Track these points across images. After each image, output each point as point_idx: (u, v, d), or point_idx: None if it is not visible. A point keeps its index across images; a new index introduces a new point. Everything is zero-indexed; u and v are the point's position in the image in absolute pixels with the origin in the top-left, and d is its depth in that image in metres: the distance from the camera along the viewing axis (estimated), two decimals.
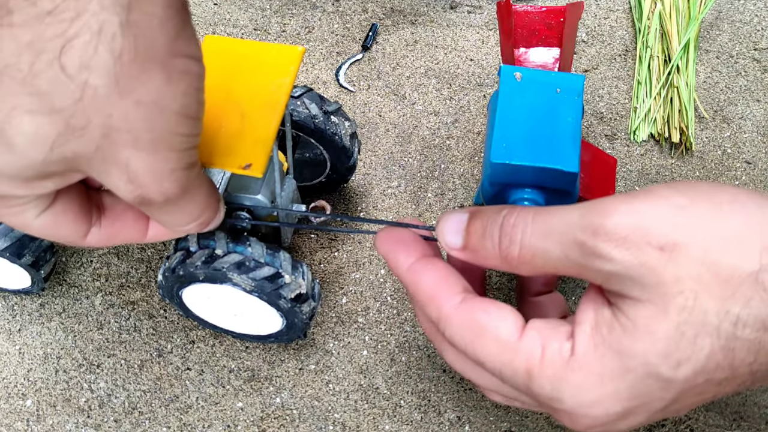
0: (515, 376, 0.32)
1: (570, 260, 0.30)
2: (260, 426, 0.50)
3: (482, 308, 0.33)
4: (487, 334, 0.32)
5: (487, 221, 0.33)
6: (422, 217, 0.59)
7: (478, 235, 0.33)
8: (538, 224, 0.31)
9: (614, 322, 0.30)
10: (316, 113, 0.50)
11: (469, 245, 0.34)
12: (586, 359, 0.30)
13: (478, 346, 0.33)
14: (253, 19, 0.71)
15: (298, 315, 0.46)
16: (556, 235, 0.30)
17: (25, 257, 0.49)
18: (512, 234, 0.31)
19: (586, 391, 0.30)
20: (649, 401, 0.30)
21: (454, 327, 0.33)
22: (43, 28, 0.25)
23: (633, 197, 0.30)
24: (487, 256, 0.33)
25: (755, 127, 0.64)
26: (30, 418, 0.51)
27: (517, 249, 0.31)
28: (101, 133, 0.27)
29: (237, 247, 0.44)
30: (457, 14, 0.71)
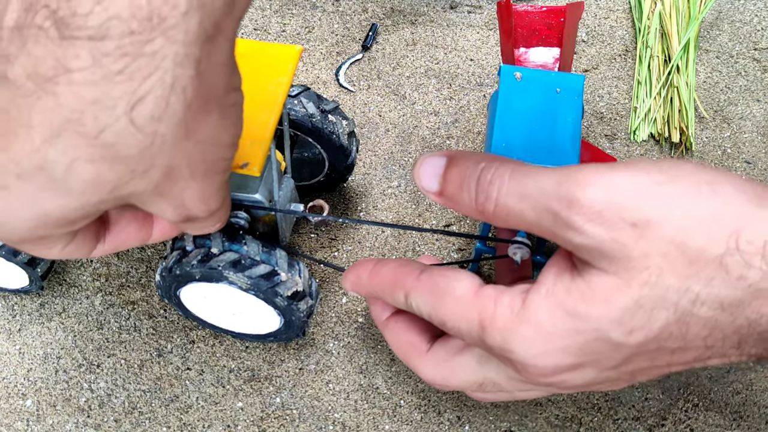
0: (471, 330, 0.33)
1: (542, 226, 0.31)
2: (260, 426, 0.50)
3: (440, 273, 0.35)
4: (447, 293, 0.34)
5: (465, 172, 0.33)
6: (422, 217, 0.59)
7: (455, 185, 0.33)
8: (513, 185, 0.31)
9: (573, 287, 0.31)
10: (313, 112, 0.50)
11: (445, 192, 0.34)
12: (536, 314, 0.31)
13: (439, 305, 0.34)
14: (253, 18, 0.71)
15: (296, 313, 0.46)
16: (530, 200, 0.31)
17: (21, 255, 0.49)
18: (488, 191, 0.32)
19: (535, 343, 0.31)
20: (599, 359, 0.31)
21: (418, 295, 0.35)
22: (110, 87, 0.25)
23: (612, 169, 0.30)
24: (462, 206, 0.34)
25: (755, 127, 0.64)
26: (30, 418, 0.51)
27: (492, 206, 0.32)
28: (163, 173, 0.28)
29: (233, 245, 0.44)
30: (457, 14, 0.71)
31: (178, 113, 0.26)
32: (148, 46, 0.25)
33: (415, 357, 0.38)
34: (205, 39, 0.26)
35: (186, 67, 0.25)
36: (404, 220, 0.59)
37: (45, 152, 0.26)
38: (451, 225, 0.58)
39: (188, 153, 0.28)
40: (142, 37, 0.24)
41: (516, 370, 0.33)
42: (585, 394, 0.51)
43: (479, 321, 0.33)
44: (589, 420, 0.50)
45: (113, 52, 0.24)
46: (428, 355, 0.38)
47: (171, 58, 0.25)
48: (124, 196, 0.29)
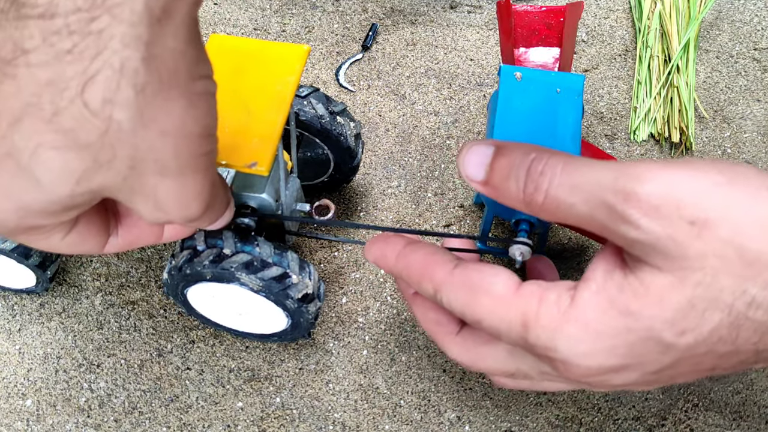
0: (511, 329, 0.32)
1: (595, 220, 0.30)
2: (260, 426, 0.50)
3: (475, 269, 0.34)
4: (482, 291, 0.33)
5: (514, 161, 0.32)
6: (422, 217, 0.59)
7: (503, 175, 0.33)
8: (566, 176, 0.30)
9: (625, 284, 0.30)
10: (322, 113, 0.50)
11: (491, 182, 0.33)
12: (585, 313, 0.30)
13: (475, 304, 0.33)
14: (253, 18, 0.71)
15: (304, 315, 0.46)
16: (584, 192, 0.30)
17: (33, 258, 0.49)
18: (539, 181, 0.31)
19: (582, 342, 0.30)
20: (645, 361, 0.30)
21: (450, 291, 0.34)
22: (62, 67, 0.25)
23: (669, 166, 0.29)
24: (509, 196, 0.33)
25: (755, 127, 0.64)
26: (30, 418, 0.51)
27: (542, 197, 0.31)
28: (128, 165, 0.27)
29: (245, 246, 0.44)
30: (457, 14, 0.71)
31: (131, 98, 0.26)
32: (95, 24, 0.24)
33: (444, 336, 0.37)
34: (154, 20, 0.25)
35: (134, 48, 0.25)
36: (404, 220, 0.59)
37: (11, 138, 0.26)
38: (451, 225, 0.58)
39: (153, 144, 0.27)
40: (88, 14, 0.24)
41: (556, 368, 0.32)
42: (585, 394, 0.51)
43: (522, 320, 0.31)
44: (590, 420, 0.50)
45: (62, 29, 0.24)
46: (458, 337, 0.37)
47: (119, 38, 0.25)
48: (95, 190, 0.28)
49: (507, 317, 0.32)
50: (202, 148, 0.29)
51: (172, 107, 0.27)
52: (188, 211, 0.31)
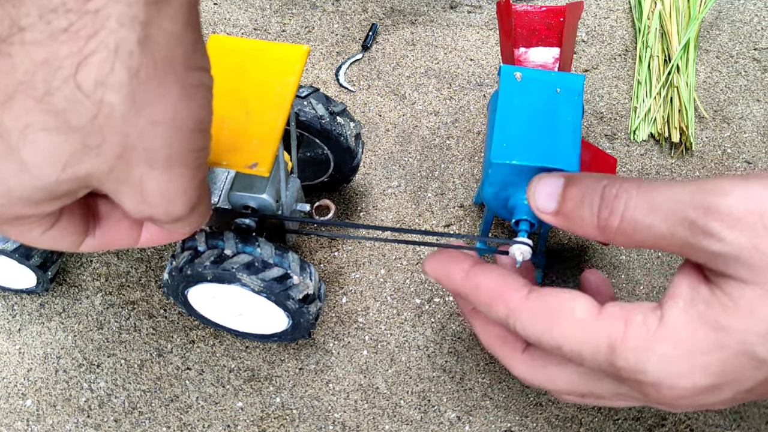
0: (596, 353, 0.31)
1: (675, 237, 0.30)
2: (260, 426, 0.50)
3: (551, 294, 0.33)
4: (563, 316, 0.32)
5: (586, 189, 0.32)
6: (422, 217, 0.59)
7: (575, 202, 0.33)
8: (642, 198, 0.30)
9: (713, 299, 0.29)
10: (322, 114, 0.50)
11: (563, 210, 0.33)
12: (676, 331, 0.30)
13: (554, 330, 0.32)
14: (253, 18, 0.71)
15: (305, 315, 0.46)
16: (662, 211, 0.30)
17: (34, 258, 0.49)
18: (614, 205, 0.31)
19: (674, 362, 0.30)
20: (738, 378, 0.29)
21: (525, 318, 0.33)
22: (57, 46, 0.25)
23: (748, 179, 0.29)
24: (582, 224, 0.33)
25: (755, 127, 0.64)
26: (30, 418, 0.51)
27: (617, 221, 0.31)
28: (117, 153, 0.27)
29: (246, 247, 0.44)
30: (457, 14, 0.71)
31: (124, 81, 0.25)
32: (92, 3, 0.24)
33: (508, 353, 0.36)
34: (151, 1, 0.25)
35: (131, 29, 0.25)
36: (404, 219, 0.59)
37: (1, 118, 0.26)
38: (451, 225, 0.58)
39: (143, 132, 0.27)
40: None
41: (644, 391, 0.31)
42: None
43: (608, 343, 0.31)
44: (589, 420, 0.50)
45: (58, 7, 0.24)
46: (524, 356, 0.36)
47: (115, 18, 0.24)
48: (82, 177, 0.27)
49: (592, 341, 0.31)
50: (194, 143, 0.28)
51: (166, 94, 0.26)
52: (173, 207, 0.30)
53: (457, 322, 0.54)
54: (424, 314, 0.54)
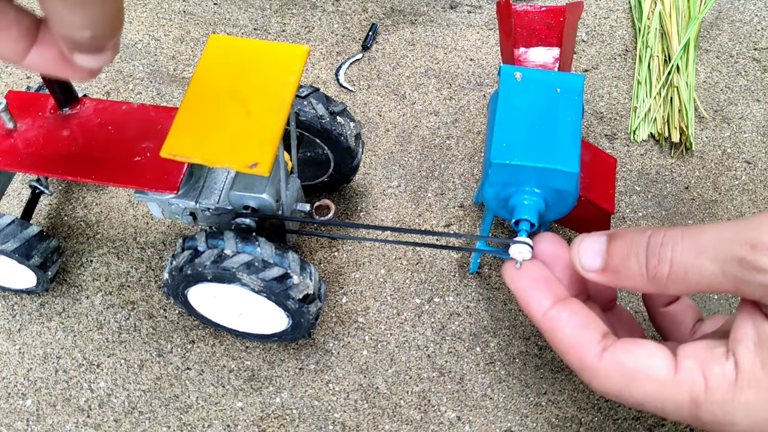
0: (680, 409, 0.32)
1: (727, 276, 0.30)
2: (260, 426, 0.50)
3: (626, 351, 0.33)
4: (640, 376, 0.32)
5: (631, 242, 0.33)
6: (422, 217, 0.59)
7: (621, 256, 0.33)
8: (689, 242, 0.31)
9: None
10: (323, 113, 0.50)
11: (610, 266, 0.34)
12: (754, 376, 0.30)
13: (633, 390, 0.33)
14: (253, 18, 0.71)
15: (305, 315, 0.46)
16: (710, 251, 0.30)
17: (34, 258, 0.49)
18: (661, 253, 0.31)
19: (759, 407, 0.30)
20: None
21: (601, 378, 0.34)
22: None
23: None
24: (630, 276, 0.33)
25: (755, 127, 0.64)
26: (30, 417, 0.51)
27: (667, 267, 0.31)
28: None
29: (246, 247, 0.44)
30: (457, 14, 0.71)
31: None
32: None
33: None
34: None
35: None
36: (404, 219, 0.59)
37: None
38: (451, 225, 0.58)
39: None
40: None
41: None
42: (585, 394, 0.51)
43: (690, 398, 0.31)
44: (589, 420, 0.50)
45: None
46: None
47: None
48: None
49: (674, 399, 0.32)
50: None
51: None
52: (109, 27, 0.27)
53: (456, 322, 0.54)
54: (424, 314, 0.54)
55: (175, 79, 0.67)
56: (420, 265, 0.56)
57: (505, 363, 0.52)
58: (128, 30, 0.70)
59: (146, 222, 0.59)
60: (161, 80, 0.67)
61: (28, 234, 0.49)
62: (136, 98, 0.65)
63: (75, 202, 0.60)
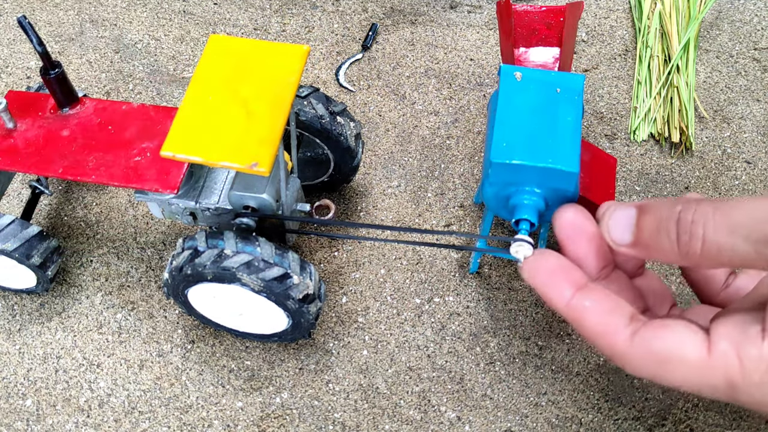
0: (716, 391, 0.32)
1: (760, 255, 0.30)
2: (260, 426, 0.50)
3: (657, 336, 0.33)
4: (674, 360, 0.32)
5: (661, 216, 0.32)
6: (422, 217, 0.59)
7: (651, 231, 0.32)
8: (720, 219, 0.30)
9: None
10: (323, 113, 0.50)
11: (640, 241, 0.33)
12: None
13: (667, 374, 0.33)
14: (253, 18, 0.71)
15: (305, 315, 0.46)
16: (743, 230, 0.30)
17: (34, 258, 0.49)
18: (692, 230, 0.31)
19: None
20: None
21: (634, 363, 0.33)
22: None
23: None
24: (662, 251, 0.33)
25: (755, 127, 0.64)
26: (30, 417, 0.51)
27: (699, 244, 0.31)
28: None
29: (246, 247, 0.44)
30: (457, 14, 0.71)
31: None
32: None
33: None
34: None
35: None
36: (404, 219, 0.59)
37: None
38: (451, 225, 0.58)
39: None
40: None
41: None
42: (585, 394, 0.51)
43: (726, 381, 0.31)
44: (589, 420, 0.50)
45: None
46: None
47: None
48: None
49: (709, 381, 0.32)
50: None
51: None
52: None
53: (456, 322, 0.54)
54: (424, 314, 0.54)
55: (175, 79, 0.67)
56: (420, 265, 0.56)
57: (505, 363, 0.52)
58: (128, 30, 0.70)
59: (146, 222, 0.59)
60: (161, 80, 0.67)
61: (28, 234, 0.49)
62: (136, 98, 0.65)
63: (75, 202, 0.60)
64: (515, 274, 0.56)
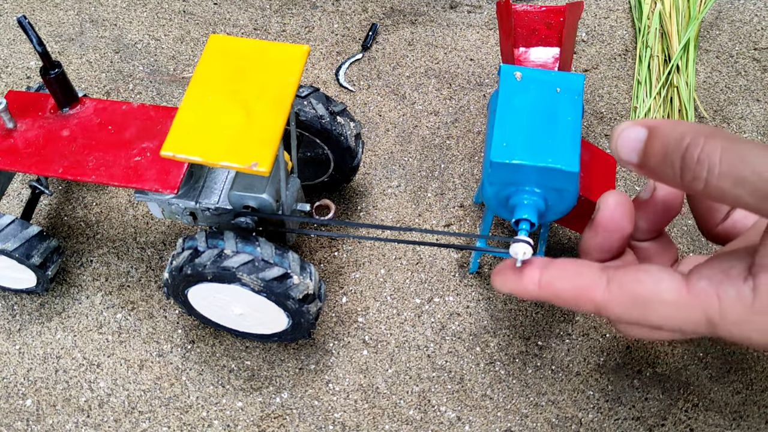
0: (698, 328, 0.32)
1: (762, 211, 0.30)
2: (260, 426, 0.50)
3: (633, 279, 0.33)
4: (653, 302, 0.33)
5: (668, 147, 0.32)
6: (422, 217, 0.59)
7: (658, 159, 0.32)
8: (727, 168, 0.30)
9: None
10: (323, 113, 0.50)
11: (646, 166, 0.33)
12: None
13: (648, 314, 0.33)
14: (253, 18, 0.71)
15: (305, 315, 0.46)
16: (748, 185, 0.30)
17: (34, 258, 0.49)
18: (696, 170, 0.31)
19: None
20: None
21: (615, 309, 0.34)
22: None
23: None
24: (665, 180, 0.33)
25: (755, 127, 0.64)
26: (30, 418, 0.51)
27: (702, 185, 0.31)
28: None
29: (246, 247, 0.44)
30: (457, 14, 0.71)
31: None
32: None
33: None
34: None
35: None
36: (404, 219, 0.59)
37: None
38: (451, 225, 0.58)
39: None
40: None
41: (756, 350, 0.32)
42: (585, 395, 0.51)
43: (706, 319, 0.32)
44: (589, 420, 0.50)
45: None
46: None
47: None
48: None
49: (690, 320, 0.32)
50: None
51: None
52: None
53: (456, 322, 0.54)
54: (424, 314, 0.54)
55: (175, 79, 0.67)
56: (420, 265, 0.56)
57: (505, 363, 0.52)
58: (128, 30, 0.70)
59: (146, 222, 0.59)
60: (161, 80, 0.67)
61: (28, 234, 0.49)
62: (136, 98, 0.65)
63: (75, 202, 0.60)
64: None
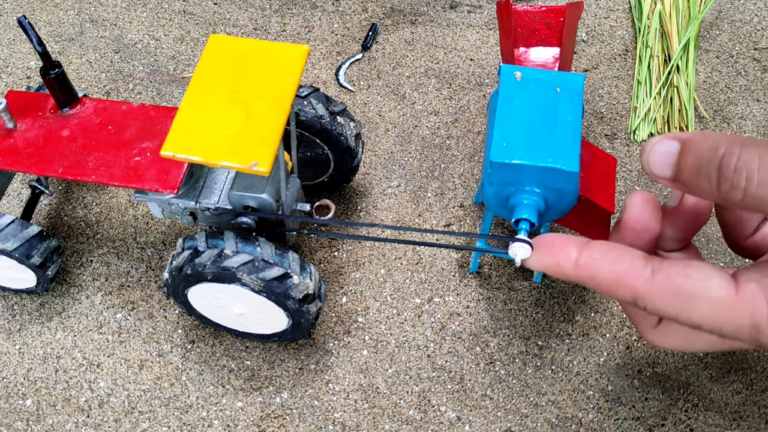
0: (739, 331, 0.31)
1: None
2: (260, 426, 0.50)
3: (680, 273, 0.32)
4: (699, 298, 0.32)
5: (702, 158, 0.31)
6: (422, 216, 0.59)
7: (691, 173, 0.31)
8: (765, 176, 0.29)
9: None
10: (323, 113, 0.50)
11: (680, 180, 0.32)
12: None
13: (691, 311, 0.32)
14: (253, 18, 0.71)
15: (305, 315, 0.46)
16: None
17: (34, 258, 0.49)
18: (734, 179, 0.30)
19: None
20: None
21: (656, 301, 0.33)
22: None
23: None
24: (700, 192, 0.32)
25: (755, 127, 0.64)
26: (30, 417, 0.51)
27: (740, 195, 0.30)
28: None
29: (246, 247, 0.44)
30: (457, 14, 0.71)
31: None
32: None
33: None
34: None
35: None
36: (404, 219, 0.59)
37: None
38: (451, 225, 0.58)
39: None
40: None
41: None
42: (585, 395, 0.51)
43: (751, 322, 0.31)
44: (589, 420, 0.50)
45: None
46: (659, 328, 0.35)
47: None
48: None
49: (733, 321, 0.31)
50: None
51: None
52: None
53: (456, 322, 0.54)
54: (424, 314, 0.54)
55: (175, 79, 0.67)
56: (420, 265, 0.56)
57: (505, 363, 0.52)
58: (128, 30, 0.70)
59: (146, 222, 0.59)
60: (161, 80, 0.67)
61: (28, 234, 0.49)
62: (136, 98, 0.65)
63: (75, 202, 0.60)
64: (515, 274, 0.56)
